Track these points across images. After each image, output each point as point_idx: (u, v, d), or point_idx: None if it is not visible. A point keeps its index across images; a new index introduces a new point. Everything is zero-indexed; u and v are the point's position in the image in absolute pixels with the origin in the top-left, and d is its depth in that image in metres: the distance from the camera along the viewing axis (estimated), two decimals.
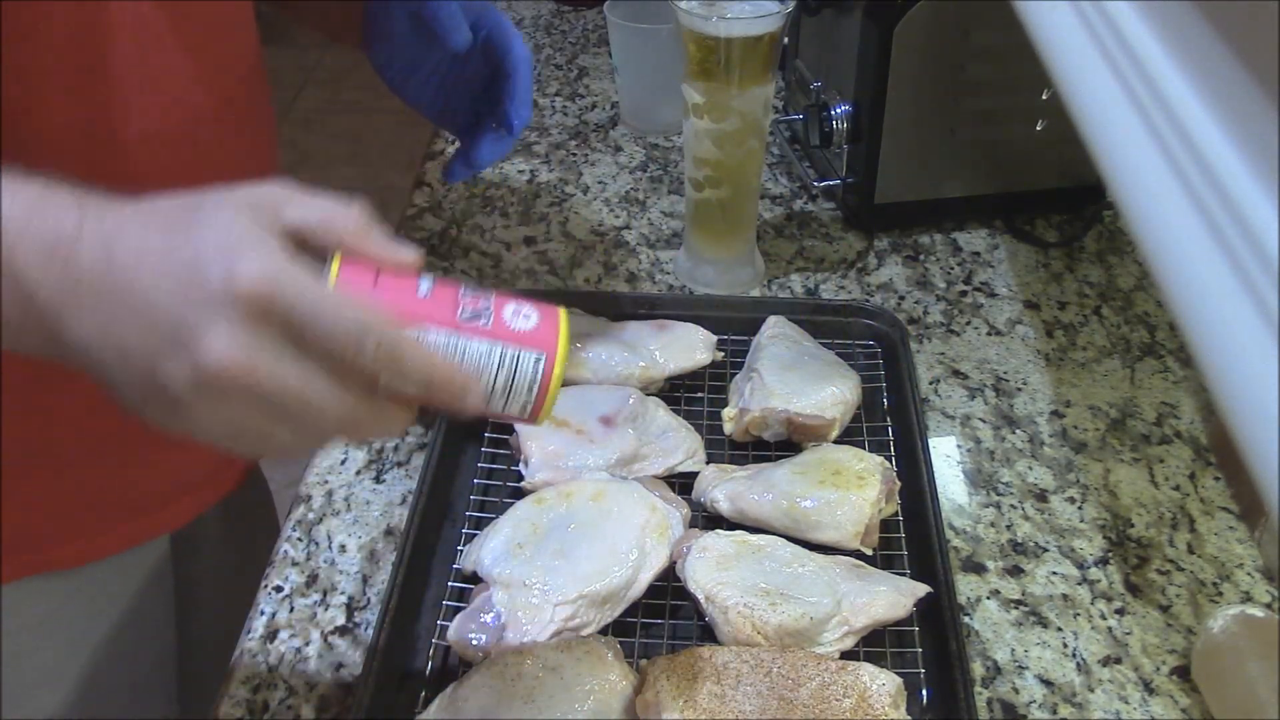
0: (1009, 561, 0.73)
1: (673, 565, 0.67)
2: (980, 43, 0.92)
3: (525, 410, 0.47)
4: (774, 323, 0.84)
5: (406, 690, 0.63)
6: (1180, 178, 0.30)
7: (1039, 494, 0.78)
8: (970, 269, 0.99)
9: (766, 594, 0.64)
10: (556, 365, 0.46)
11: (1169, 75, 0.33)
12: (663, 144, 1.17)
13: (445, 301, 0.45)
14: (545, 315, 0.47)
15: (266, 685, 0.66)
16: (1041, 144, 0.99)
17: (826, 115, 0.98)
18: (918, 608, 0.65)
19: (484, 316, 0.46)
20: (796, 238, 1.03)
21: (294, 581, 0.72)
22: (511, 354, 0.46)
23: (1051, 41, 0.42)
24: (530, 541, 0.67)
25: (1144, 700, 0.65)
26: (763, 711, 0.57)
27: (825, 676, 0.59)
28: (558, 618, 0.63)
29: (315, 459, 0.80)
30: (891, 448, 0.77)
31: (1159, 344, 0.91)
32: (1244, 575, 0.72)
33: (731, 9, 0.83)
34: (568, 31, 1.41)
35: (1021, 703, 0.65)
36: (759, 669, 0.59)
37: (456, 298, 0.46)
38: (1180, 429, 0.83)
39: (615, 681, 0.60)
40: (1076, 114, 0.38)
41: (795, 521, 0.69)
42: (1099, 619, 0.69)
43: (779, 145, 1.14)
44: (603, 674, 0.60)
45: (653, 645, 0.66)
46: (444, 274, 0.98)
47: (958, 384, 0.87)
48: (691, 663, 0.59)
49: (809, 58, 1.09)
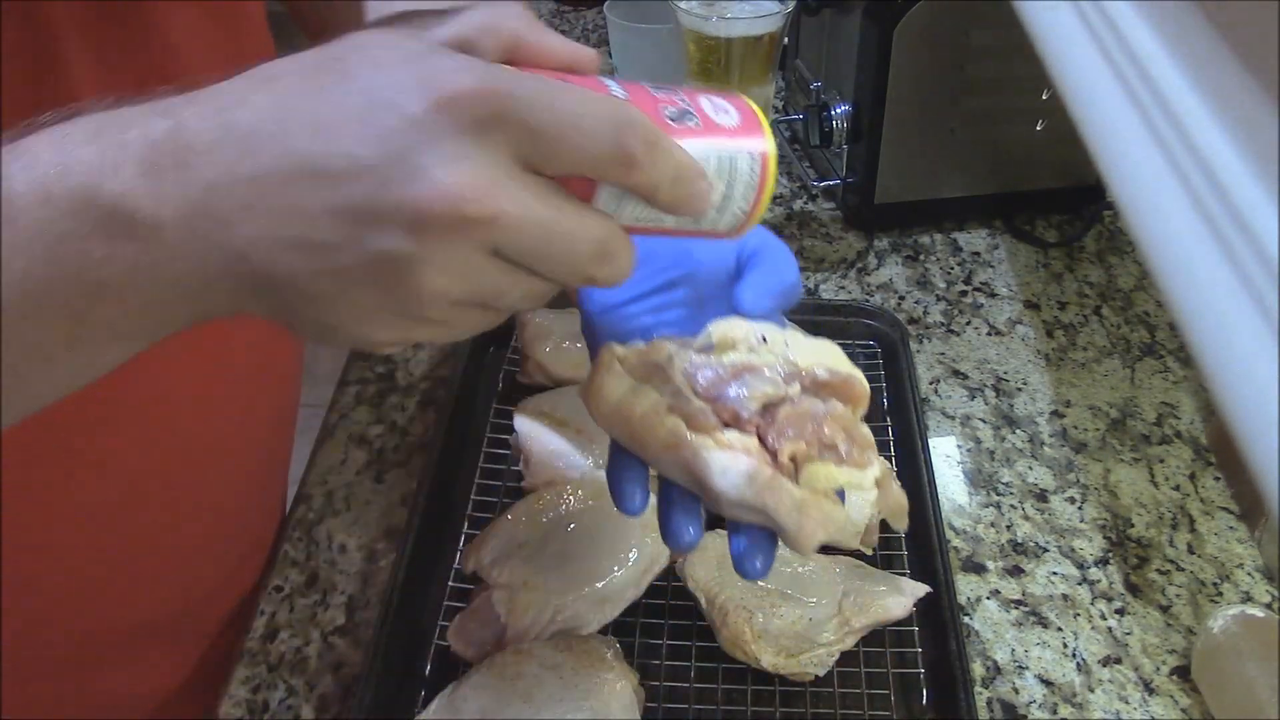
0: (1009, 561, 0.73)
1: (673, 565, 0.67)
2: (980, 43, 0.92)
3: (738, 219, 0.42)
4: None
5: (406, 690, 0.63)
6: (1180, 178, 0.30)
7: (1039, 494, 0.78)
8: (970, 269, 0.99)
9: (766, 594, 0.64)
10: (771, 163, 0.41)
11: (1169, 75, 0.33)
12: None
13: (646, 102, 0.39)
14: (742, 109, 0.41)
15: (266, 685, 0.66)
16: (1041, 144, 0.99)
17: (826, 115, 0.98)
18: (918, 608, 0.65)
19: (691, 116, 0.39)
20: (796, 238, 1.03)
21: (294, 581, 0.72)
22: (729, 155, 0.40)
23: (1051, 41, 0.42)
24: (530, 541, 0.67)
25: (1144, 700, 0.65)
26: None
27: None
28: (558, 618, 0.63)
29: (316, 459, 0.81)
30: (891, 448, 0.77)
31: (1159, 344, 0.91)
32: (1244, 575, 0.72)
33: (731, 9, 0.83)
34: (568, 32, 1.40)
35: (1021, 703, 0.65)
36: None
37: (653, 97, 0.39)
38: (1180, 429, 0.83)
39: (615, 681, 0.60)
40: (1076, 114, 0.38)
41: None
42: (1099, 619, 0.69)
43: (779, 145, 1.14)
44: (603, 674, 0.60)
45: (653, 645, 0.66)
46: None
47: (958, 384, 0.87)
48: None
49: (809, 58, 1.09)
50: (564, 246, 0.34)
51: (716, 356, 0.49)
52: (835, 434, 0.45)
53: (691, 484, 0.46)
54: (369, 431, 0.82)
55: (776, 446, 0.44)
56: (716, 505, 0.45)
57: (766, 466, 0.44)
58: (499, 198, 0.31)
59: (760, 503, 0.43)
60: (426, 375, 0.88)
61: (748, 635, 0.62)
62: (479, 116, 0.31)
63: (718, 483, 0.44)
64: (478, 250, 0.32)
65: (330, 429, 0.83)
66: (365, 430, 0.83)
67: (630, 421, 0.47)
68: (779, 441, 0.44)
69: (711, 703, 0.63)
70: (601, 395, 0.47)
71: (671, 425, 0.45)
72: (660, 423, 0.46)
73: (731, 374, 0.47)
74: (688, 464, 0.45)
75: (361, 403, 0.85)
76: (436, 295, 0.33)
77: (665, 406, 0.46)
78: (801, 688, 0.63)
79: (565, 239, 0.34)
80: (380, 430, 0.83)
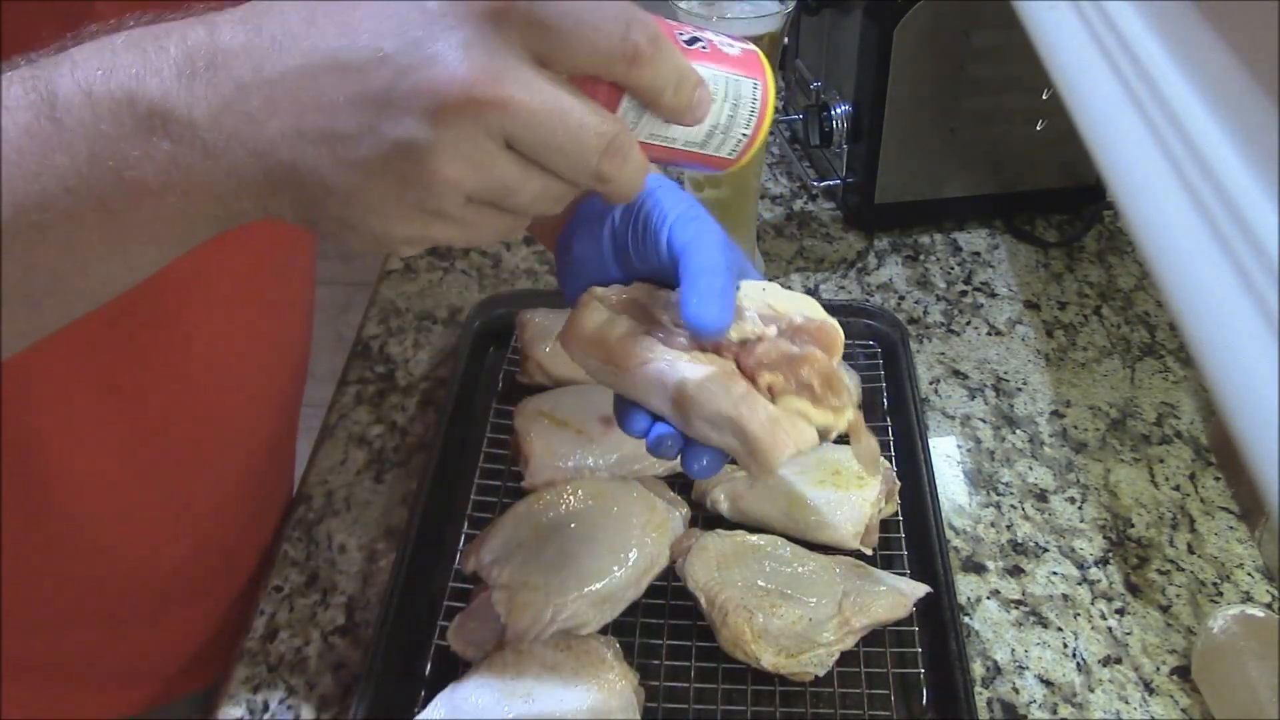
0: (1009, 561, 0.73)
1: (673, 565, 0.67)
2: (980, 43, 0.92)
3: (739, 145, 0.44)
4: None
5: (406, 690, 0.63)
6: (1180, 178, 0.30)
7: (1039, 494, 0.78)
8: (970, 269, 0.99)
9: (766, 594, 0.64)
10: (771, 93, 0.43)
11: (1169, 75, 0.33)
12: None
13: (660, 23, 0.40)
14: (746, 48, 0.44)
15: (266, 685, 0.66)
16: (1041, 144, 0.99)
17: (826, 115, 0.98)
18: (918, 608, 0.65)
19: (702, 42, 0.42)
20: (796, 238, 1.03)
21: (294, 581, 0.72)
22: (734, 79, 0.42)
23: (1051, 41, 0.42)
24: (530, 541, 0.67)
25: (1144, 700, 0.65)
26: None
27: None
28: (558, 618, 0.63)
29: (316, 459, 0.81)
30: (891, 448, 0.77)
31: (1159, 344, 0.91)
32: (1244, 575, 0.72)
33: (731, 9, 0.83)
34: None
35: (1021, 703, 0.65)
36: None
37: (668, 22, 0.41)
38: (1180, 429, 0.83)
39: (615, 681, 0.60)
40: (1076, 114, 0.38)
41: (795, 521, 0.69)
42: (1099, 619, 0.69)
43: (779, 145, 1.14)
44: (603, 674, 0.60)
45: (653, 645, 0.66)
46: (444, 272, 0.98)
47: (958, 384, 0.87)
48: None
49: (809, 58, 1.09)
50: (574, 136, 0.34)
51: None
52: (811, 376, 0.45)
53: (665, 401, 0.46)
54: (369, 431, 0.82)
55: (754, 374, 0.45)
56: (687, 423, 0.45)
57: (743, 381, 0.44)
58: (510, 84, 0.33)
59: (735, 412, 0.43)
60: (426, 375, 0.88)
61: (748, 635, 0.62)
62: (493, 9, 0.32)
63: (693, 390, 0.44)
64: (490, 138, 0.33)
65: (330, 429, 0.83)
66: (365, 430, 0.83)
67: (607, 342, 0.47)
68: (757, 371, 0.45)
69: (711, 703, 0.63)
70: (580, 324, 0.48)
71: (648, 343, 0.46)
72: (638, 341, 0.46)
73: None
74: (664, 376, 0.45)
75: (361, 403, 0.85)
76: (450, 184, 0.34)
77: (643, 330, 0.47)
78: (801, 688, 0.63)
79: (575, 129, 0.34)
80: (380, 430, 0.83)
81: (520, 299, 0.87)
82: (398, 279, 0.98)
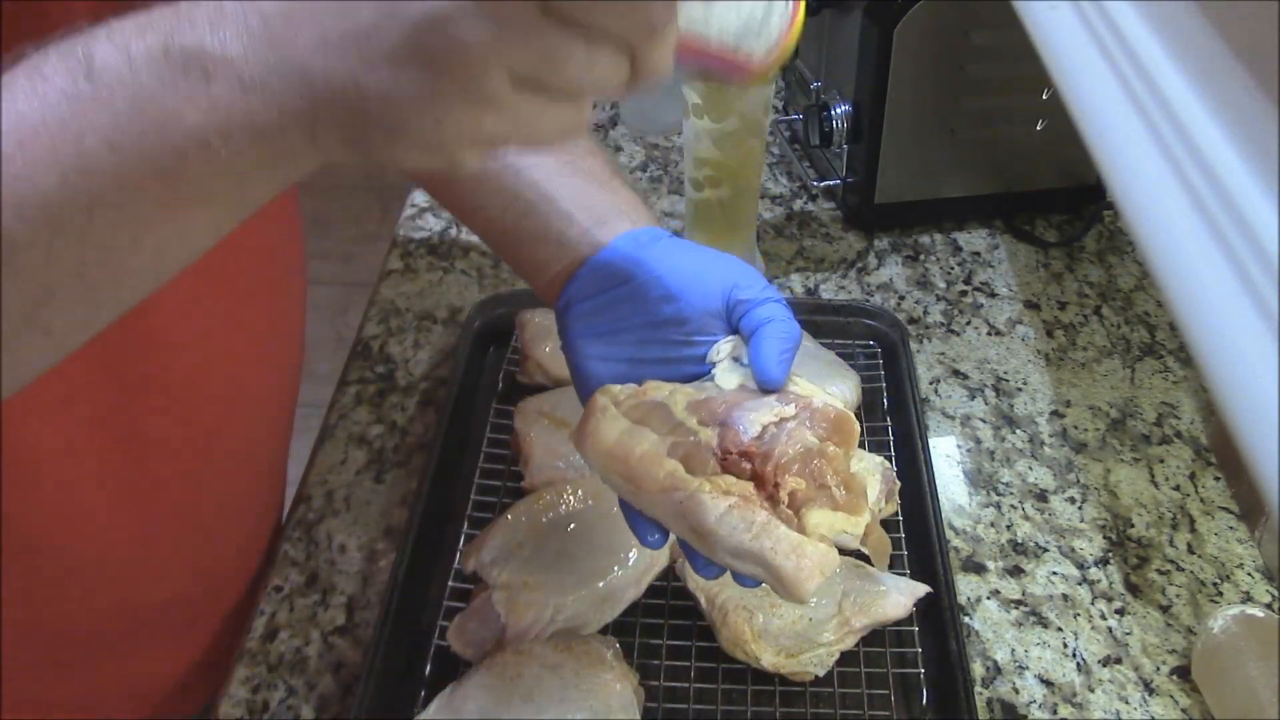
0: (1009, 561, 0.73)
1: (673, 565, 0.67)
2: (980, 43, 0.92)
3: (769, 52, 0.44)
4: None
5: (406, 690, 0.63)
6: (1180, 178, 0.30)
7: (1039, 494, 0.78)
8: (970, 269, 0.99)
9: (766, 594, 0.64)
10: (802, 6, 0.44)
11: (1169, 75, 0.33)
12: (663, 144, 1.17)
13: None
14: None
15: (266, 685, 0.66)
16: (1041, 144, 0.99)
17: (826, 115, 0.98)
18: (918, 608, 0.65)
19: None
20: (796, 238, 1.03)
21: (294, 581, 0.72)
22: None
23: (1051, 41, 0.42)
24: (530, 541, 0.67)
25: (1144, 700, 0.65)
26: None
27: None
28: (558, 618, 0.63)
29: (316, 459, 0.81)
30: (891, 448, 0.77)
31: (1159, 344, 0.91)
32: (1244, 575, 0.72)
33: None
34: None
35: (1021, 703, 0.65)
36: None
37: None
38: (1180, 429, 0.83)
39: (615, 681, 0.60)
40: (1076, 114, 0.38)
41: None
42: (1099, 619, 0.69)
43: (779, 145, 1.14)
44: (603, 674, 0.60)
45: (653, 645, 0.66)
46: (444, 273, 0.98)
47: (958, 384, 0.87)
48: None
49: (809, 58, 1.09)
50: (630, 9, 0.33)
51: (718, 383, 0.50)
52: (829, 477, 0.46)
53: (686, 530, 0.46)
54: (369, 431, 0.82)
55: (779, 481, 0.45)
56: (712, 552, 0.46)
57: (762, 510, 0.44)
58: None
59: (757, 546, 0.44)
60: (426, 375, 0.88)
61: (748, 635, 0.62)
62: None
63: (713, 525, 0.44)
64: (524, 7, 0.32)
65: (330, 429, 0.83)
66: (365, 430, 0.83)
67: (628, 462, 0.47)
68: (780, 476, 0.45)
69: (711, 703, 0.63)
70: (598, 436, 0.48)
71: (670, 468, 0.46)
72: (659, 465, 0.46)
73: (733, 402, 0.48)
74: (684, 507, 0.45)
75: (361, 403, 0.85)
76: (484, 58, 0.32)
77: (665, 447, 0.47)
78: (801, 688, 0.63)
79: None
80: (380, 430, 0.83)
81: (520, 299, 0.87)
82: (397, 279, 0.98)
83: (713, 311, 0.53)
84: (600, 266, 0.55)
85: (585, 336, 0.55)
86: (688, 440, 0.47)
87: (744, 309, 0.52)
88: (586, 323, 0.55)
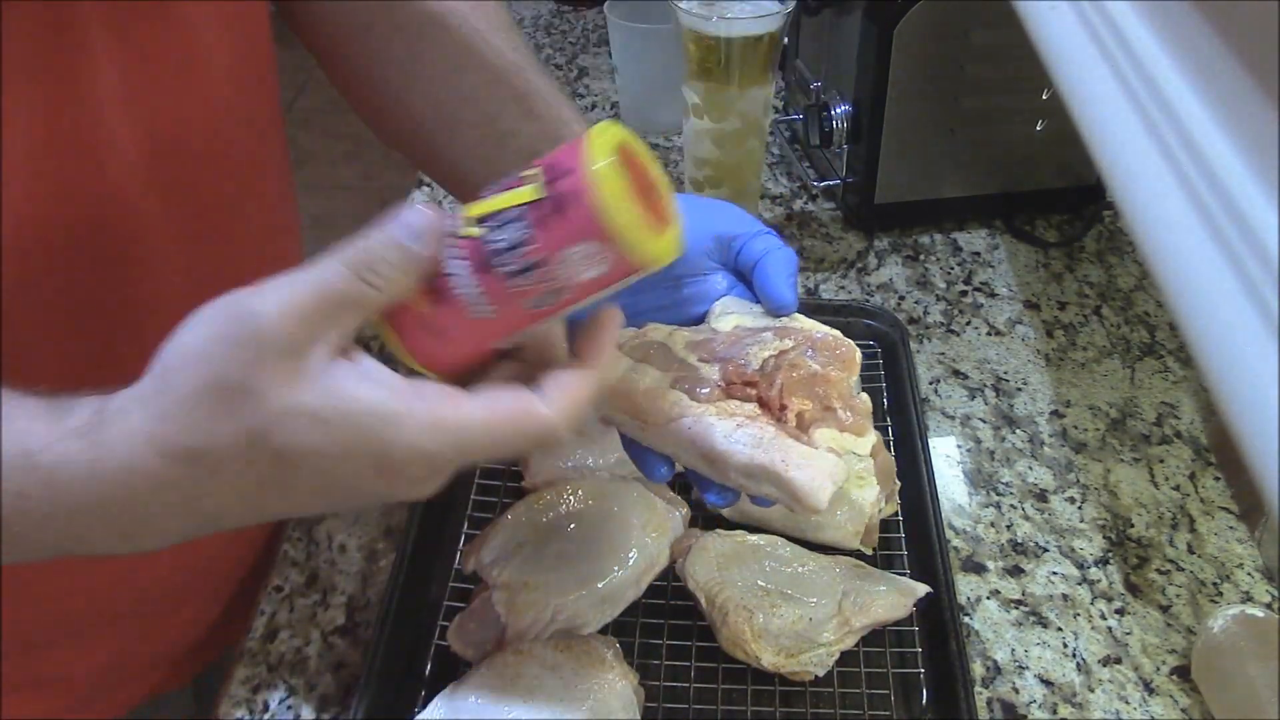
0: (1009, 561, 0.73)
1: (673, 565, 0.67)
2: (980, 43, 0.92)
3: (646, 262, 0.37)
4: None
5: (406, 690, 0.63)
6: (1180, 178, 0.30)
7: (1039, 494, 0.78)
8: (970, 269, 0.99)
9: (766, 594, 0.64)
10: (601, 185, 0.35)
11: (1169, 75, 0.33)
12: (663, 144, 1.17)
13: (513, 315, 0.39)
14: (570, 193, 0.37)
15: (266, 685, 0.66)
16: (1041, 144, 0.99)
17: (826, 115, 0.98)
18: (918, 608, 0.65)
19: (551, 296, 0.38)
20: (796, 238, 1.03)
21: (294, 581, 0.72)
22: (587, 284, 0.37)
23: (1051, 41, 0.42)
24: (530, 541, 0.67)
25: (1144, 700, 0.65)
26: None
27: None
28: (558, 618, 0.63)
29: None
30: (892, 448, 0.77)
31: (1159, 344, 0.91)
32: (1244, 575, 0.72)
33: (731, 9, 0.83)
34: (568, 31, 1.41)
35: (1021, 703, 0.65)
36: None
37: (513, 301, 0.39)
38: (1180, 429, 0.83)
39: (615, 681, 0.60)
40: (1076, 114, 0.38)
41: (795, 521, 0.69)
42: (1099, 619, 0.69)
43: (779, 145, 1.14)
44: (603, 674, 0.60)
45: (653, 645, 0.66)
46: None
47: (958, 384, 0.87)
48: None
49: (809, 58, 1.09)
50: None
51: (714, 328, 0.50)
52: (833, 398, 0.46)
53: (696, 457, 0.46)
54: None
55: (785, 403, 0.45)
56: (723, 474, 0.46)
57: (770, 425, 0.44)
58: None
59: (767, 459, 0.43)
60: None
61: (748, 635, 0.62)
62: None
63: (723, 445, 0.44)
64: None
65: None
66: None
67: (633, 397, 0.47)
68: (786, 398, 0.45)
69: (711, 703, 0.63)
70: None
71: (675, 398, 0.46)
72: (664, 396, 0.47)
73: (732, 339, 0.49)
74: (692, 432, 0.45)
75: None
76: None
77: (668, 381, 0.47)
78: (801, 688, 0.63)
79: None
80: None
81: None
82: None
83: (704, 250, 0.54)
84: None
85: None
86: (692, 374, 0.48)
87: (740, 242, 0.54)
88: None
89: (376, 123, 0.64)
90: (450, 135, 0.61)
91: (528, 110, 0.59)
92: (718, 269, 0.55)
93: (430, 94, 0.60)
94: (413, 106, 0.61)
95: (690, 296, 0.54)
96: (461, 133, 0.60)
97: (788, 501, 0.44)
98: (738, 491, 0.48)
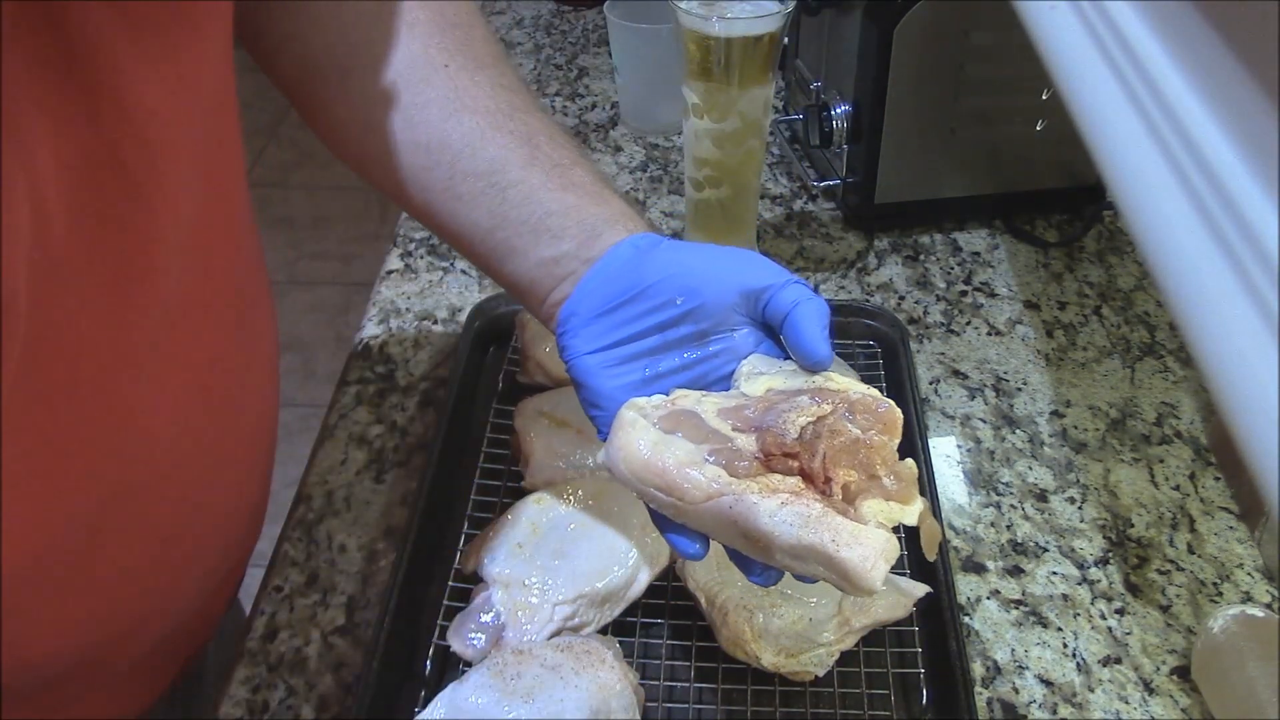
0: (1009, 561, 0.73)
1: (673, 565, 0.67)
2: (980, 43, 0.92)
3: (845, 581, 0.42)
4: None
5: (406, 690, 0.63)
6: (1180, 178, 0.30)
7: (1039, 494, 0.78)
8: (970, 269, 0.99)
9: (766, 594, 0.64)
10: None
11: (1169, 75, 0.33)
12: (663, 144, 1.17)
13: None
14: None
15: (266, 685, 0.66)
16: (1041, 144, 0.99)
17: (826, 115, 0.98)
18: (918, 608, 0.65)
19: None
20: (796, 238, 1.03)
21: (294, 581, 0.72)
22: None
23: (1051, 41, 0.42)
24: (530, 541, 0.67)
25: (1144, 700, 0.65)
26: None
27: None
28: (557, 618, 0.63)
29: (316, 459, 0.81)
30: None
31: (1159, 344, 0.91)
32: (1244, 575, 0.72)
33: (731, 9, 0.83)
34: (568, 31, 1.41)
35: (1021, 703, 0.65)
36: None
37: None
38: (1180, 429, 0.83)
39: (615, 681, 0.60)
40: (1076, 114, 0.38)
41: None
42: (1099, 619, 0.69)
43: (779, 145, 1.14)
44: (603, 674, 0.60)
45: (653, 645, 0.66)
46: (444, 273, 0.98)
47: (958, 384, 0.87)
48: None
49: (809, 58, 1.09)
50: None
51: (744, 391, 0.48)
52: (877, 465, 0.44)
53: (735, 535, 0.44)
54: (369, 431, 0.82)
55: (829, 475, 0.43)
56: (768, 555, 0.43)
57: (817, 502, 0.42)
58: None
59: (816, 539, 0.41)
60: (426, 375, 0.88)
61: (748, 635, 0.62)
62: None
63: (768, 525, 0.42)
64: None
65: (330, 429, 0.83)
66: (365, 430, 0.83)
67: (665, 473, 0.45)
68: (831, 470, 0.43)
69: (711, 703, 0.63)
70: (630, 449, 0.46)
71: (713, 474, 0.44)
72: (700, 471, 0.44)
73: (766, 405, 0.46)
74: (734, 511, 0.43)
75: (361, 403, 0.85)
76: None
77: (703, 454, 0.45)
78: (801, 688, 0.63)
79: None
80: (380, 430, 0.83)
81: None
82: (397, 279, 0.98)
83: (729, 305, 0.51)
84: (599, 281, 0.53)
85: (592, 354, 0.53)
86: (726, 447, 0.45)
87: (768, 295, 0.51)
88: (591, 340, 0.53)
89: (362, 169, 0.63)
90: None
91: (530, 158, 0.57)
92: (745, 322, 0.52)
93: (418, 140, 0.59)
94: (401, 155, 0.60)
95: (716, 354, 0.52)
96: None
97: (838, 582, 0.42)
98: (781, 571, 0.46)
